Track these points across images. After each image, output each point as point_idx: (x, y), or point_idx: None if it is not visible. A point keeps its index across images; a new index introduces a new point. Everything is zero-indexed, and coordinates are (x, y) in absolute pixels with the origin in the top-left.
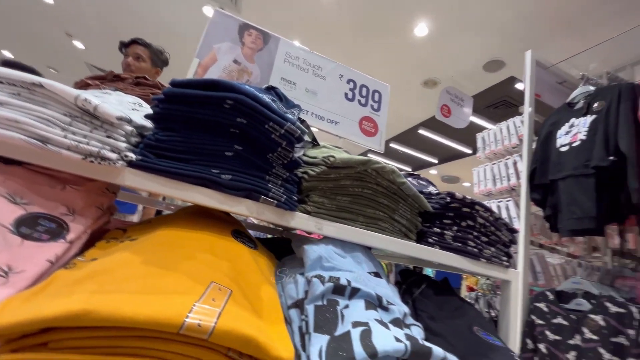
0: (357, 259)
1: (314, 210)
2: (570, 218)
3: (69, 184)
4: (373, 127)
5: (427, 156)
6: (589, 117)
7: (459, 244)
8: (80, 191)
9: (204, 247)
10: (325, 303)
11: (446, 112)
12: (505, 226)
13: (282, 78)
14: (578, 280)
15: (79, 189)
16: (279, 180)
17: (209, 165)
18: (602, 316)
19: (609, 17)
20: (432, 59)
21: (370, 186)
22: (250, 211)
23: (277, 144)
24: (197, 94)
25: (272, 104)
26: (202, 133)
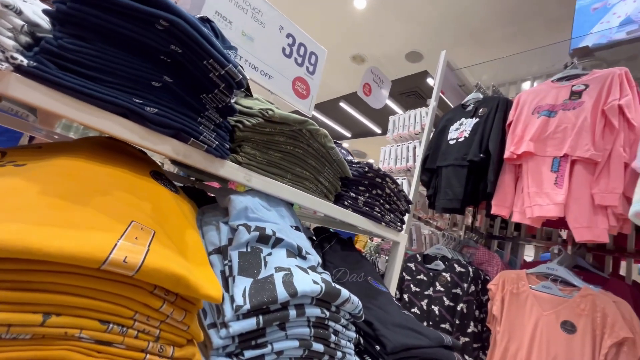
0: (281, 212)
1: (244, 162)
2: (444, 198)
3: None
4: (306, 89)
5: (343, 129)
6: (474, 119)
7: (367, 208)
8: None
9: (120, 185)
10: (249, 250)
11: (367, 90)
12: (405, 198)
13: (216, 12)
14: (439, 247)
15: None
16: (212, 124)
17: (130, 93)
18: (450, 274)
19: (504, 39)
20: (364, 35)
21: (302, 146)
22: (177, 152)
23: (215, 85)
24: (124, 3)
25: (214, 40)
26: (125, 52)
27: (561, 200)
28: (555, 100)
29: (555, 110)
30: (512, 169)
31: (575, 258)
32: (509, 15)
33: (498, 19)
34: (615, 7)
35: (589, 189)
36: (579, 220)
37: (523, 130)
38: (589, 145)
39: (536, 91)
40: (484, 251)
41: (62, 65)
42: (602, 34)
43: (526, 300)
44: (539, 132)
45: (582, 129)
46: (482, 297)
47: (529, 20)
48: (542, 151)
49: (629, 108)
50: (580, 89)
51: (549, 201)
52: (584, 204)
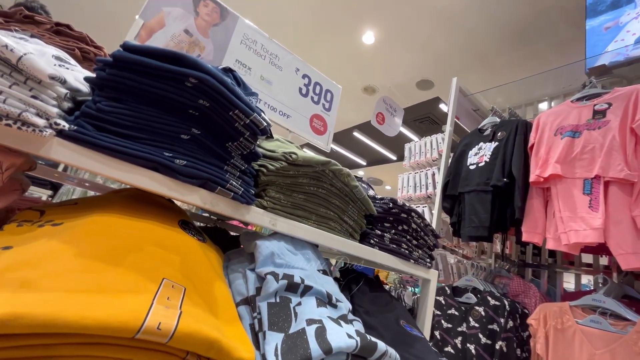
0: (307, 256)
1: (270, 206)
2: (469, 226)
3: None
4: (323, 125)
5: (358, 157)
6: (493, 143)
7: (394, 245)
8: None
9: (150, 239)
10: (278, 300)
11: (380, 119)
12: (432, 232)
13: (237, 60)
14: (469, 278)
15: None
16: (237, 171)
17: (161, 147)
18: (484, 307)
19: (513, 62)
20: (374, 68)
21: (325, 186)
22: (204, 202)
23: (240, 133)
24: (156, 65)
25: (239, 91)
26: (156, 109)
27: (599, 224)
28: (578, 120)
29: (579, 131)
30: (540, 193)
31: (623, 287)
32: (517, 40)
33: (505, 43)
34: (628, 25)
35: (629, 211)
36: (622, 247)
37: (547, 152)
38: (622, 165)
39: (556, 112)
40: (519, 281)
41: (100, 126)
42: (617, 52)
43: (574, 337)
44: (564, 153)
45: (611, 148)
46: (522, 333)
47: (537, 43)
48: (570, 173)
49: None
50: (603, 108)
51: (586, 226)
52: (625, 228)
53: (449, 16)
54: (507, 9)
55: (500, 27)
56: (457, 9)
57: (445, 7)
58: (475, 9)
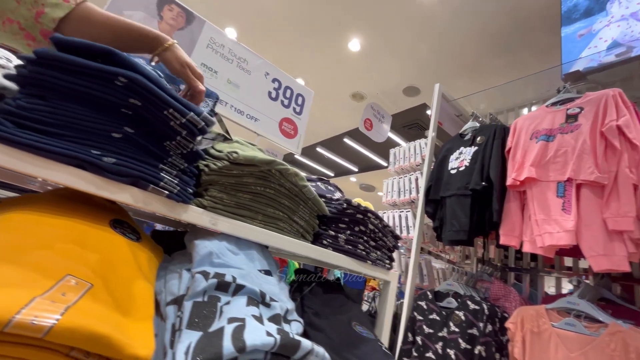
0: (251, 256)
1: (210, 205)
2: (450, 230)
3: None
4: (293, 129)
5: (349, 164)
6: (473, 148)
7: (350, 246)
8: None
9: (68, 236)
10: (206, 299)
11: (368, 125)
12: (391, 233)
13: (202, 63)
14: (450, 283)
15: None
16: (175, 170)
17: (88, 145)
18: (464, 312)
19: (496, 70)
20: (362, 75)
21: (273, 186)
22: (136, 200)
23: (177, 132)
24: (83, 64)
25: (172, 91)
26: (83, 107)
27: (571, 227)
28: (552, 124)
29: (553, 135)
30: (517, 196)
31: (599, 290)
32: (499, 47)
33: (488, 51)
34: (600, 33)
35: (600, 213)
36: (594, 248)
37: (523, 156)
38: (593, 168)
39: (532, 117)
40: (500, 285)
41: (21, 124)
42: (591, 58)
43: (549, 340)
44: (539, 157)
45: (582, 151)
46: (501, 337)
47: (518, 51)
48: (544, 176)
49: (628, 128)
50: (575, 112)
51: (559, 228)
52: (596, 229)
53: (434, 24)
54: (489, 18)
55: (483, 36)
56: (441, 18)
57: (429, 15)
58: (459, 18)
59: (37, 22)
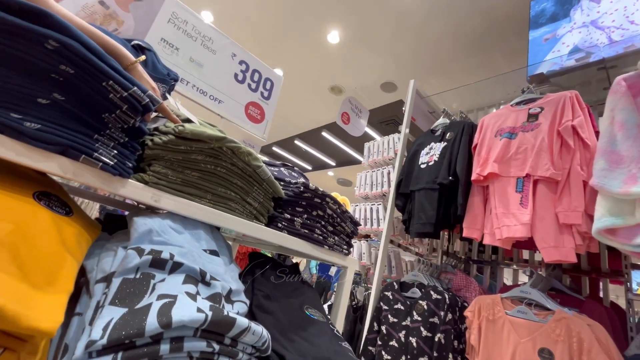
0: (197, 236)
1: (152, 181)
2: (417, 223)
3: None
4: (260, 114)
5: (327, 158)
6: (443, 144)
7: (306, 230)
8: None
9: None
10: (138, 276)
11: (346, 119)
12: (350, 219)
13: (162, 39)
14: (416, 273)
15: None
16: (113, 142)
17: (7, 107)
18: (426, 301)
19: (469, 69)
20: (340, 68)
21: (225, 165)
22: (64, 170)
23: (117, 105)
24: (8, 20)
25: (113, 62)
26: (3, 68)
27: (527, 220)
28: (515, 122)
29: (515, 132)
30: (480, 191)
31: (550, 280)
32: (472, 47)
33: (462, 50)
34: (563, 38)
35: (553, 208)
36: (546, 240)
37: (487, 152)
38: (549, 165)
39: (497, 115)
40: (462, 276)
41: None
42: (554, 61)
43: (503, 327)
44: (502, 153)
45: (540, 149)
46: (460, 325)
47: (490, 51)
48: (506, 172)
49: (582, 128)
50: (536, 112)
51: (516, 221)
52: (549, 223)
53: (411, 21)
54: (463, 17)
55: (457, 35)
56: (418, 15)
57: (407, 11)
58: (435, 16)
59: None
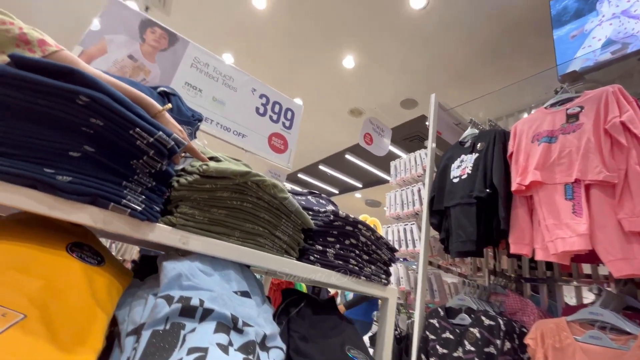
0: (227, 277)
1: (180, 223)
2: (457, 241)
3: None
4: (283, 144)
5: (353, 180)
6: (474, 155)
7: (340, 261)
8: None
9: (10, 263)
10: (167, 327)
11: (368, 140)
12: (386, 245)
13: (186, 82)
14: (462, 297)
15: None
16: (141, 187)
17: (41, 163)
18: (479, 329)
19: (489, 76)
20: (358, 91)
21: (251, 200)
22: (95, 220)
23: (144, 151)
24: (41, 81)
25: (139, 110)
26: (38, 126)
27: (584, 230)
28: (553, 125)
29: (555, 136)
30: (524, 202)
31: (623, 297)
32: (490, 55)
33: (480, 59)
34: (593, 32)
35: (614, 214)
36: (611, 252)
37: (526, 159)
38: (600, 167)
39: (531, 119)
40: (515, 297)
41: None
42: (586, 57)
43: (574, 356)
44: (542, 159)
45: (587, 150)
46: (521, 355)
47: (510, 57)
48: (551, 179)
49: (633, 123)
50: (575, 112)
51: (572, 233)
52: (611, 232)
53: (423, 36)
54: (476, 26)
55: (471, 44)
56: (429, 30)
57: (417, 27)
58: (446, 28)
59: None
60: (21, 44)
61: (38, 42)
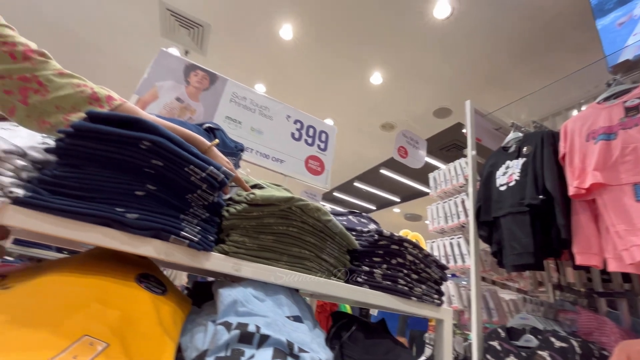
0: (279, 301)
1: (232, 250)
2: (512, 254)
3: None
4: (319, 165)
5: (390, 195)
6: (520, 160)
7: (388, 282)
8: None
9: (92, 295)
10: (229, 354)
11: (403, 153)
12: (435, 263)
13: (226, 117)
14: (525, 316)
15: None
16: (196, 219)
17: (113, 203)
18: (548, 352)
19: (526, 76)
20: (388, 105)
21: (296, 224)
22: (158, 252)
23: (197, 186)
24: (112, 132)
25: (193, 148)
26: (109, 170)
27: None
28: (610, 121)
29: (614, 132)
30: (585, 207)
31: None
32: (526, 54)
33: (515, 59)
34: None
35: None
36: None
37: (582, 160)
38: None
39: (583, 117)
40: (589, 315)
41: (55, 191)
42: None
43: None
44: (602, 159)
45: None
46: None
47: (548, 54)
48: (615, 180)
49: None
50: (635, 104)
51: None
52: None
53: (452, 43)
54: (507, 29)
55: (504, 45)
56: (458, 36)
57: (446, 35)
58: (475, 35)
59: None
60: (93, 101)
61: (106, 98)
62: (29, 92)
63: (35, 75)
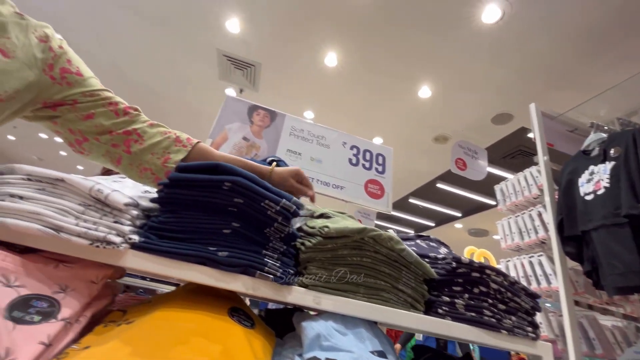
0: (360, 335)
1: (311, 283)
2: (612, 273)
3: (63, 262)
4: (379, 189)
5: (450, 210)
6: (609, 164)
7: (473, 313)
8: (73, 268)
9: (197, 330)
10: None
11: (461, 165)
12: (524, 291)
13: (287, 150)
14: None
15: (72, 266)
16: (276, 253)
17: (207, 243)
18: None
19: (603, 69)
20: (439, 117)
21: (369, 254)
22: (247, 287)
23: (273, 219)
24: (198, 178)
25: (267, 183)
26: (201, 212)
27: None
28: None
29: None
30: None
31: None
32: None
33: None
34: None
35: None
36: None
37: None
38: None
39: None
40: None
41: (161, 235)
42: None
43: None
44: None
45: None
46: None
47: (625, 43)
48: None
49: None
50: None
51: None
52: None
53: (503, 47)
54: (572, 20)
55: (568, 41)
56: (509, 41)
57: (495, 42)
58: (530, 35)
59: (163, 166)
60: (177, 144)
61: (186, 140)
62: (131, 142)
63: (135, 128)
